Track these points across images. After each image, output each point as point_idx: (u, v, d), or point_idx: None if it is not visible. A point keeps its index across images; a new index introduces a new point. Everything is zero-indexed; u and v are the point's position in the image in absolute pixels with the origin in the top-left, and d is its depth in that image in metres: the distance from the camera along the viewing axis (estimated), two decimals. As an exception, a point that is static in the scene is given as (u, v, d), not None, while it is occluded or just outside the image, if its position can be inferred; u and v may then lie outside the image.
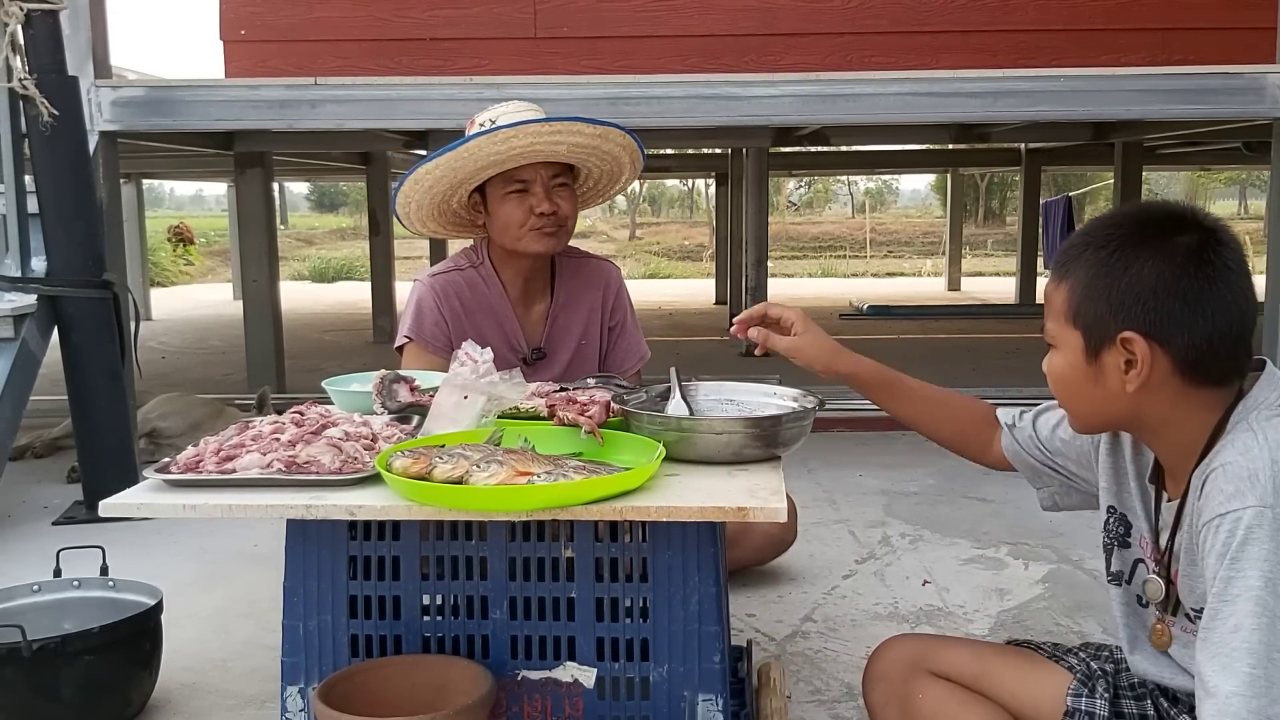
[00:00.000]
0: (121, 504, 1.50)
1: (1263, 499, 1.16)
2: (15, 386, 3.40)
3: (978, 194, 23.89)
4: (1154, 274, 1.24)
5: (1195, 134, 6.49)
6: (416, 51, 4.83)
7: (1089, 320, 1.28)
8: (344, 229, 24.90)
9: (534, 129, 2.12)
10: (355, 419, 1.75)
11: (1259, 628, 1.13)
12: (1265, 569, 1.14)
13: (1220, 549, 1.17)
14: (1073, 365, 1.31)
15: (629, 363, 2.45)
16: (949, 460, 4.10)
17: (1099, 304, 1.27)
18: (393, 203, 2.26)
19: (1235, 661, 1.13)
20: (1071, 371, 1.32)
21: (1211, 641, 1.16)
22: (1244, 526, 1.15)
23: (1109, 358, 1.28)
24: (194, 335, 9.05)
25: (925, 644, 1.66)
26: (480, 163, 2.15)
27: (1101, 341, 1.28)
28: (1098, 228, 1.32)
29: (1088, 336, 1.29)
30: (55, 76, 3.41)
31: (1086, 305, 1.28)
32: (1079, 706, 1.45)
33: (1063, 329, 1.32)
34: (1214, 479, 1.22)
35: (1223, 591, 1.16)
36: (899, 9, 4.91)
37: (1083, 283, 1.29)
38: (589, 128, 2.15)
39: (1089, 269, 1.29)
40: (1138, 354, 1.25)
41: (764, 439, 1.62)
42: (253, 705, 2.23)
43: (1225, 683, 1.13)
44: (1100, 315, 1.27)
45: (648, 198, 29.88)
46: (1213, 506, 1.20)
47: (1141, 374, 1.26)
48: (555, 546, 1.59)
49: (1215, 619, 1.16)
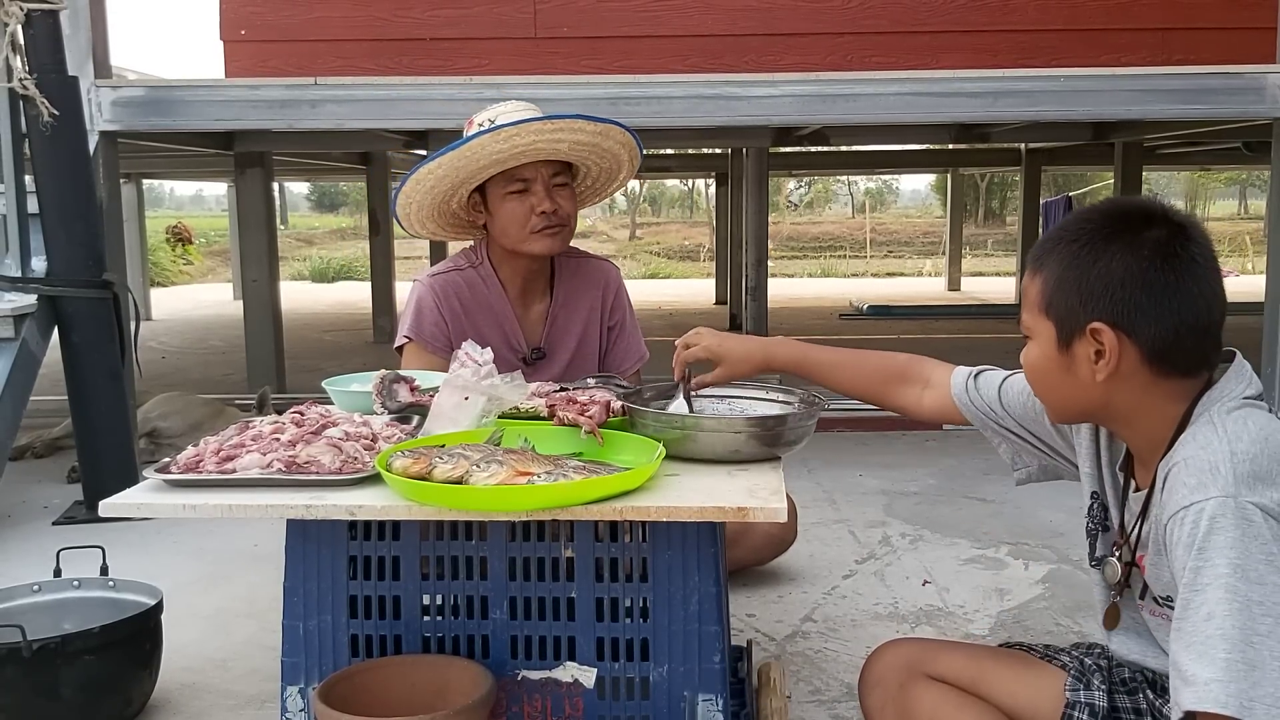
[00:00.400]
0: (121, 504, 1.50)
1: (1224, 489, 1.18)
2: (15, 386, 3.40)
3: (978, 194, 23.89)
4: (1122, 266, 1.28)
5: (1195, 134, 6.48)
6: (417, 51, 4.82)
7: (1061, 311, 1.32)
8: (344, 229, 24.91)
9: (536, 127, 2.12)
10: (355, 419, 1.75)
11: (1231, 613, 1.14)
12: (1232, 556, 1.16)
13: (1187, 540, 1.19)
14: (1046, 355, 1.35)
15: (628, 363, 2.45)
16: (949, 460, 4.13)
17: (1070, 295, 1.31)
18: (393, 204, 2.26)
19: (1211, 649, 1.14)
20: (1045, 362, 1.36)
21: (1185, 631, 1.17)
22: (1207, 517, 1.18)
23: (1079, 348, 1.31)
24: (194, 335, 9.05)
25: (921, 648, 1.67)
26: (482, 161, 2.16)
27: (1072, 332, 1.31)
28: (1071, 222, 1.35)
29: (1060, 327, 1.33)
30: (55, 76, 3.41)
31: (1058, 297, 1.32)
32: (1079, 698, 1.46)
33: (1037, 320, 1.35)
34: (1176, 472, 1.24)
35: (1193, 581, 1.18)
36: (899, 9, 4.91)
37: (1055, 275, 1.32)
38: (590, 125, 2.16)
39: (1061, 262, 1.32)
40: (1106, 344, 1.29)
41: (768, 439, 1.63)
42: (253, 705, 2.23)
43: (1203, 670, 1.14)
44: (1071, 306, 1.31)
45: (648, 198, 29.87)
46: (1177, 500, 1.22)
47: (1110, 363, 1.29)
48: (555, 546, 1.59)
49: (1187, 609, 1.18)
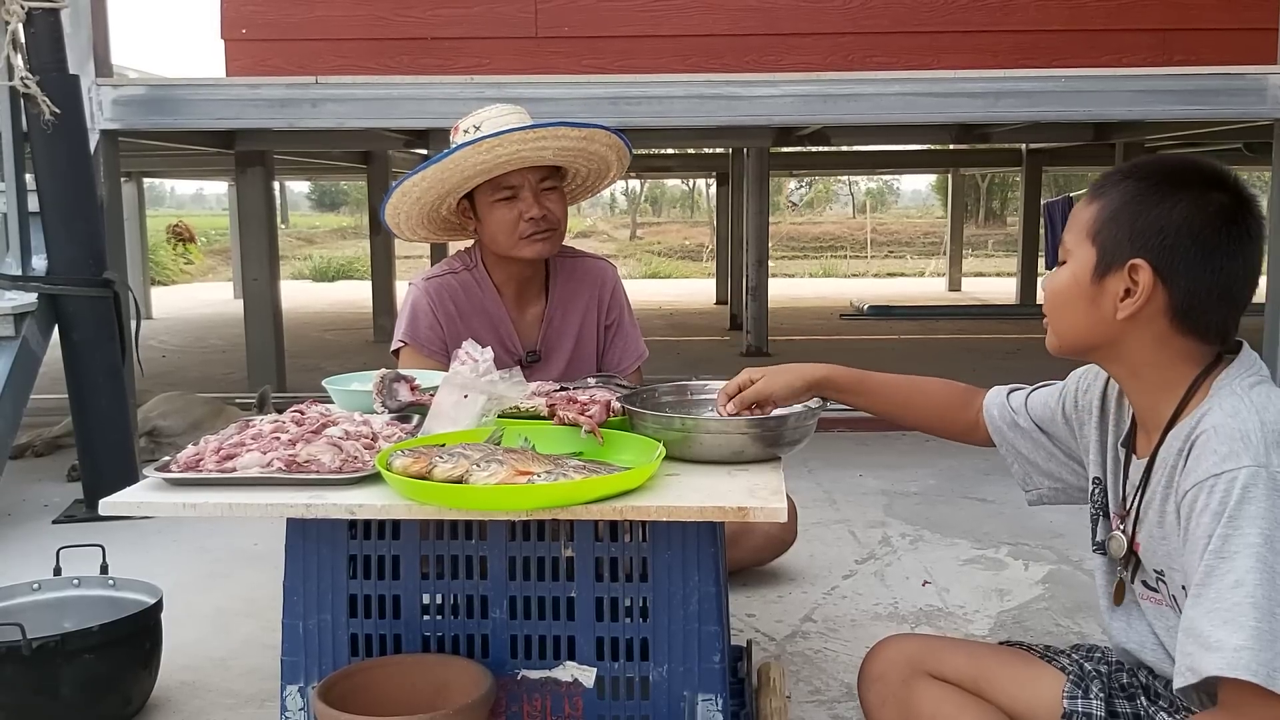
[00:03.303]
0: (122, 502, 1.50)
1: (1256, 458, 1.18)
2: (16, 385, 3.40)
3: (978, 194, 23.89)
4: (1181, 215, 1.28)
5: (1196, 135, 6.49)
6: (417, 51, 4.82)
7: (1106, 241, 1.32)
8: (344, 228, 24.92)
9: (518, 136, 2.10)
10: (355, 418, 1.75)
11: (1261, 583, 1.14)
12: (1263, 526, 1.15)
13: (1216, 508, 1.18)
14: (1077, 280, 1.35)
15: (627, 362, 2.44)
16: (949, 460, 4.13)
17: (1121, 228, 1.30)
18: (381, 213, 2.25)
19: (1239, 615, 1.13)
20: (1074, 285, 1.35)
21: (1208, 598, 1.16)
22: (1240, 485, 1.17)
23: (1112, 281, 1.31)
24: (194, 334, 9.05)
25: (922, 645, 1.66)
26: (466, 173, 2.15)
27: (1110, 264, 1.31)
28: (1144, 163, 1.35)
29: (1100, 255, 1.32)
30: (56, 75, 3.41)
31: (1109, 226, 1.32)
32: (1075, 708, 1.45)
33: (1080, 244, 1.35)
34: (1204, 441, 1.23)
35: (1220, 549, 1.17)
36: (900, 9, 4.91)
37: (1113, 205, 1.32)
38: (573, 131, 2.14)
39: (1123, 194, 1.32)
40: (1141, 283, 1.29)
41: (769, 439, 1.63)
42: (252, 704, 2.23)
43: (1231, 636, 1.13)
44: (1119, 239, 1.30)
45: (648, 198, 29.87)
46: (1205, 467, 1.21)
47: (1137, 303, 1.29)
48: (555, 546, 1.59)
49: (1211, 575, 1.17)
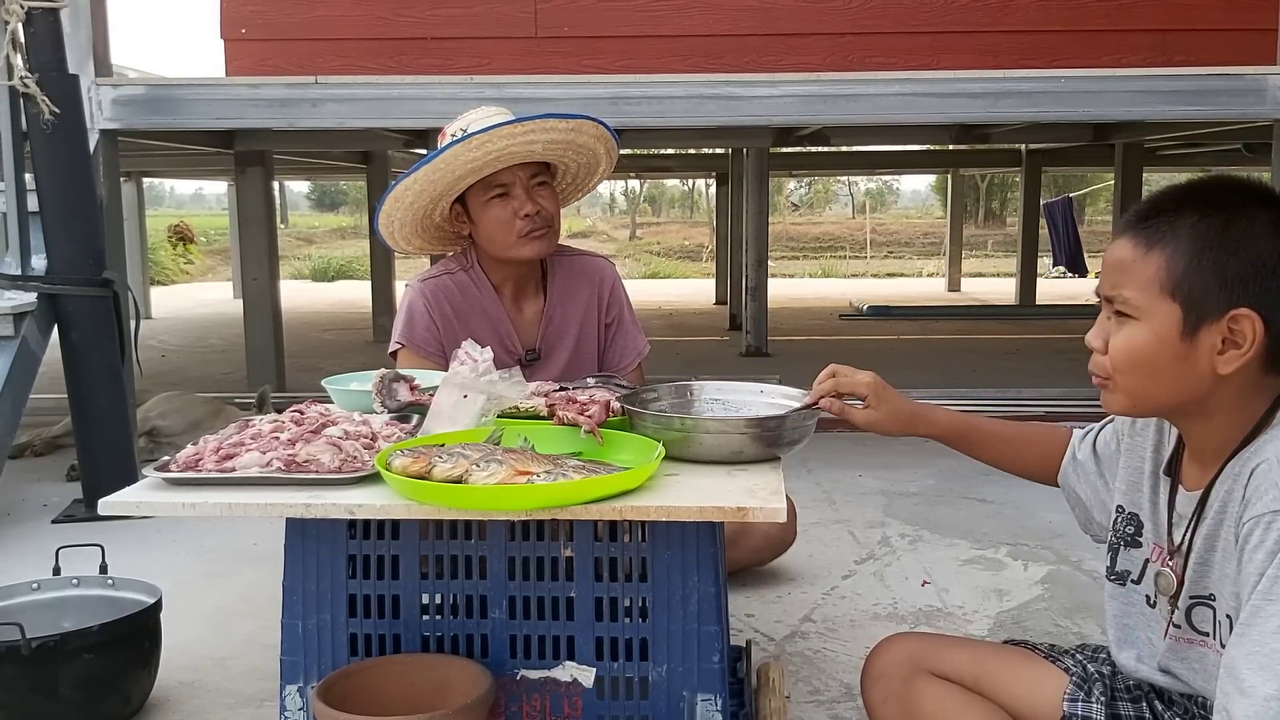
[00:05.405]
0: (121, 502, 1.50)
1: None
2: (15, 384, 3.40)
3: (978, 195, 23.91)
4: (1269, 251, 1.17)
5: (1196, 135, 6.49)
6: (417, 50, 4.83)
7: (1193, 293, 1.18)
8: (344, 228, 24.94)
9: (507, 131, 2.10)
10: (355, 418, 1.75)
11: None
12: None
13: (1272, 546, 1.12)
14: (1162, 340, 1.20)
15: (627, 359, 2.43)
16: (949, 461, 4.13)
17: (1208, 277, 1.18)
18: (375, 224, 2.25)
19: (1275, 663, 1.09)
20: (1158, 347, 1.21)
21: (1249, 639, 1.12)
22: None
23: (1206, 335, 1.19)
24: (194, 334, 9.04)
25: (925, 643, 1.65)
26: (458, 172, 2.14)
27: (1203, 317, 1.18)
28: (1196, 195, 1.23)
29: (1188, 310, 1.19)
30: (56, 75, 3.41)
31: (1192, 277, 1.18)
32: (1075, 711, 1.44)
33: (1154, 301, 1.20)
34: (1265, 471, 1.16)
35: (1269, 590, 1.12)
36: (900, 9, 4.91)
37: (1187, 253, 1.18)
38: (561, 123, 2.14)
39: (1194, 239, 1.19)
40: (1247, 333, 1.17)
41: (769, 439, 1.62)
42: (252, 704, 2.23)
43: (1264, 684, 1.09)
44: (1207, 289, 1.18)
45: (648, 198, 29.88)
46: (1266, 501, 1.14)
47: (1245, 354, 1.18)
48: (555, 546, 1.59)
49: (1256, 616, 1.12)
